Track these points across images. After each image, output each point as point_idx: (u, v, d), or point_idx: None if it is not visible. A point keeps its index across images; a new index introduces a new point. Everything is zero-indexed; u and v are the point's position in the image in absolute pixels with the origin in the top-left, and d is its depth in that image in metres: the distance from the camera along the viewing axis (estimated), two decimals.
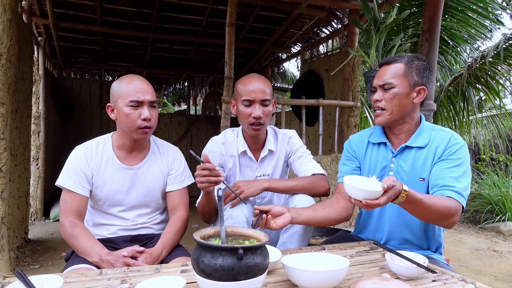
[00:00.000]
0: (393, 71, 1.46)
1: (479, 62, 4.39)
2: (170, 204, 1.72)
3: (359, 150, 1.63)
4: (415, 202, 1.23)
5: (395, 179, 1.16)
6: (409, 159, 1.48)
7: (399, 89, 1.44)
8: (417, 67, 1.46)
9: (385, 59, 1.54)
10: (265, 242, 1.00)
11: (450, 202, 1.29)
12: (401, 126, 1.51)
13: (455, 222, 1.33)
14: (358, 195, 1.15)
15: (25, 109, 3.37)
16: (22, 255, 3.20)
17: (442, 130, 1.50)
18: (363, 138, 1.65)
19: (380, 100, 1.48)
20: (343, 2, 3.61)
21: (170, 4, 4.60)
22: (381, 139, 1.57)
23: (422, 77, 1.46)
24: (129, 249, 1.43)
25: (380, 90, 1.49)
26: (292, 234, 1.62)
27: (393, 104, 1.45)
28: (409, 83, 1.44)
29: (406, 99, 1.45)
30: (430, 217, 1.31)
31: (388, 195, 1.13)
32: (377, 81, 1.50)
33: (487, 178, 6.03)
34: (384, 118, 1.48)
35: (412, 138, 1.49)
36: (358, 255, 1.44)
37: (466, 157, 1.42)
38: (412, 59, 1.47)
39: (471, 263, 3.57)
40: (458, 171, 1.38)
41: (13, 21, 2.67)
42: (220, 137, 1.86)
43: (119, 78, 1.61)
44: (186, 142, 7.16)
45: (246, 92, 1.70)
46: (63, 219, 1.50)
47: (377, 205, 1.13)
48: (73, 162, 1.58)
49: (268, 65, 6.70)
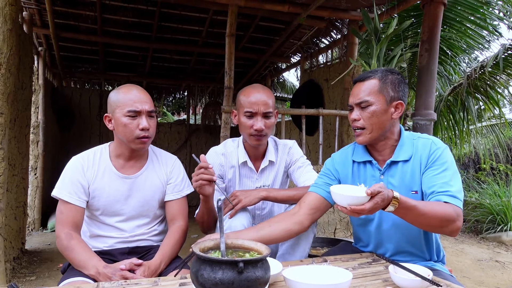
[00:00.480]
0: (368, 88, 1.42)
1: (478, 72, 4.40)
2: (169, 214, 1.70)
3: (343, 170, 1.57)
4: (409, 209, 1.20)
5: (382, 185, 1.14)
6: (397, 174, 1.45)
7: (377, 107, 1.40)
8: (391, 81, 1.43)
9: (358, 76, 1.50)
10: (266, 255, 0.98)
11: (447, 207, 1.26)
12: (384, 143, 1.48)
13: (458, 228, 1.27)
14: (343, 201, 1.13)
15: (24, 119, 3.36)
16: (18, 266, 3.15)
17: (421, 137, 1.48)
18: (346, 157, 1.59)
19: (358, 119, 1.44)
20: (342, 12, 3.64)
21: (170, 14, 4.63)
22: (365, 158, 1.52)
23: (398, 91, 1.43)
24: (127, 262, 1.40)
25: (357, 109, 1.45)
26: (291, 245, 1.60)
27: (372, 122, 1.41)
28: (386, 99, 1.41)
29: (384, 116, 1.41)
30: (429, 224, 1.27)
31: (374, 201, 1.11)
32: (353, 99, 1.46)
33: (487, 188, 6.01)
34: (365, 138, 1.44)
35: (396, 153, 1.46)
36: (361, 267, 1.41)
37: (451, 160, 1.40)
38: (385, 74, 1.44)
39: (473, 274, 3.52)
40: (447, 175, 1.35)
41: (13, 31, 2.68)
42: (220, 148, 1.85)
43: (117, 88, 1.60)
44: (185, 151, 7.14)
45: (248, 104, 1.69)
46: (59, 231, 1.48)
47: (361, 210, 1.11)
48: (69, 172, 1.56)
49: (268, 75, 6.73)
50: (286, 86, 9.56)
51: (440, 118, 5.21)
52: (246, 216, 1.62)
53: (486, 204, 5.26)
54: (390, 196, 1.14)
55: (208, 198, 1.58)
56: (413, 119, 3.03)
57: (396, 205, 1.16)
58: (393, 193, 1.16)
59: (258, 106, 1.67)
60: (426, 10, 2.99)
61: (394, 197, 1.15)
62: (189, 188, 1.76)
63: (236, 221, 1.57)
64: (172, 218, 1.68)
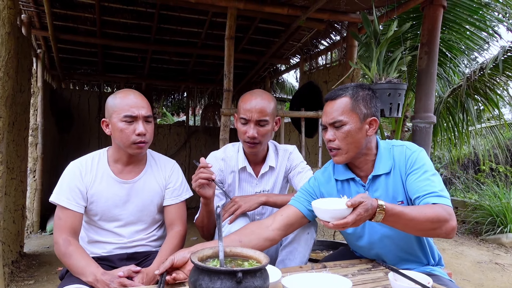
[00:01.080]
0: (340, 107, 1.39)
1: (477, 74, 4.39)
2: (167, 219, 1.69)
3: (327, 190, 1.53)
4: (397, 216, 1.17)
5: (364, 195, 1.11)
6: (381, 187, 1.43)
7: (351, 126, 1.37)
8: (363, 98, 1.40)
9: (329, 93, 1.45)
10: (265, 264, 0.97)
11: (437, 207, 1.23)
12: (362, 159, 1.45)
13: (453, 228, 1.23)
14: (324, 216, 1.10)
15: (23, 122, 3.35)
16: (17, 270, 3.14)
17: (395, 145, 1.46)
18: (329, 175, 1.55)
19: (333, 139, 1.39)
20: (341, 15, 3.63)
21: (170, 16, 4.62)
22: (347, 175, 1.49)
23: (370, 107, 1.41)
24: (125, 269, 1.39)
25: (331, 129, 1.41)
26: (291, 251, 1.59)
27: (347, 142, 1.37)
28: (359, 117, 1.38)
29: (359, 134, 1.38)
30: (422, 228, 1.22)
31: (357, 213, 1.08)
32: (326, 119, 1.42)
33: (487, 189, 6.00)
34: (342, 158, 1.41)
35: (376, 167, 1.43)
36: (360, 273, 1.40)
37: (427, 161, 1.39)
38: (356, 91, 1.41)
39: (473, 277, 3.52)
40: (427, 177, 1.34)
41: (12, 34, 2.67)
42: (220, 152, 1.84)
43: (114, 93, 1.60)
44: (185, 153, 7.13)
45: (243, 110, 1.68)
46: (57, 237, 1.47)
47: (345, 224, 1.08)
48: (67, 178, 1.55)
49: (267, 77, 6.72)
50: (285, 86, 9.56)
51: (439, 119, 5.20)
52: (246, 222, 1.61)
53: (486, 206, 5.26)
54: (374, 205, 1.12)
55: (208, 200, 1.58)
56: (413, 122, 3.02)
57: (383, 214, 1.13)
58: (378, 202, 1.13)
59: (252, 113, 1.65)
60: (425, 13, 2.99)
61: (379, 205, 1.12)
62: (188, 192, 1.75)
63: (236, 226, 1.57)
64: (171, 223, 1.68)
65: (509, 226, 4.85)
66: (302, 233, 1.58)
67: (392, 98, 2.18)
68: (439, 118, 5.20)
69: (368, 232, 1.47)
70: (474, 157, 8.01)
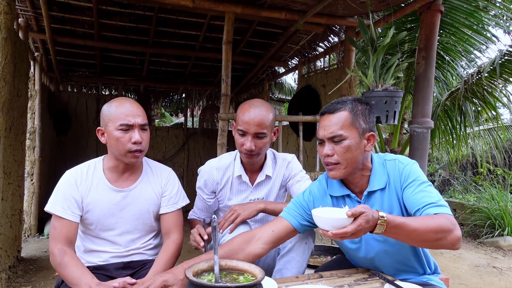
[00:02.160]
0: (339, 121, 1.35)
1: (475, 77, 4.40)
2: (164, 227, 1.69)
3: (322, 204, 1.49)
4: (399, 227, 1.14)
5: (366, 207, 1.09)
6: (377, 202, 1.41)
7: (350, 141, 1.34)
8: (362, 113, 1.38)
9: (326, 107, 1.41)
10: (260, 280, 0.97)
11: (439, 217, 1.20)
12: (358, 175, 1.42)
13: (458, 238, 1.19)
14: (324, 225, 1.08)
15: (20, 126, 3.34)
16: (14, 275, 3.13)
17: (387, 159, 1.44)
18: (324, 191, 1.51)
19: (331, 154, 1.35)
20: (339, 19, 3.63)
21: (168, 19, 4.62)
22: (342, 192, 1.46)
23: (369, 122, 1.39)
24: (120, 281, 1.39)
25: (329, 143, 1.36)
26: (288, 261, 1.59)
27: (346, 157, 1.34)
28: (358, 132, 1.35)
29: (358, 150, 1.35)
30: (425, 239, 1.18)
31: (358, 223, 1.06)
32: (324, 133, 1.37)
33: (485, 191, 6.01)
34: (339, 173, 1.37)
35: (371, 182, 1.41)
36: (357, 284, 1.40)
37: (421, 173, 1.37)
38: (355, 105, 1.38)
39: (471, 281, 3.52)
40: (423, 189, 1.32)
41: (8, 39, 2.66)
42: (215, 161, 1.85)
43: (109, 101, 1.59)
44: (183, 155, 7.13)
45: (241, 122, 1.66)
46: (53, 247, 1.46)
47: (344, 234, 1.06)
48: (63, 187, 1.54)
49: (266, 79, 6.72)
50: (284, 87, 9.56)
51: (438, 122, 5.21)
52: (246, 229, 1.61)
53: (484, 209, 5.26)
54: (375, 216, 1.10)
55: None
56: (410, 127, 3.03)
57: (384, 225, 1.11)
58: (379, 213, 1.11)
59: (249, 126, 1.63)
60: (423, 18, 2.99)
61: (381, 216, 1.11)
62: (185, 200, 1.75)
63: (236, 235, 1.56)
64: (167, 231, 1.67)
65: (507, 229, 4.86)
66: (300, 243, 1.58)
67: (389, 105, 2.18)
68: (437, 121, 5.21)
69: (365, 248, 1.46)
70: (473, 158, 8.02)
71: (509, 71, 4.22)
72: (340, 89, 3.87)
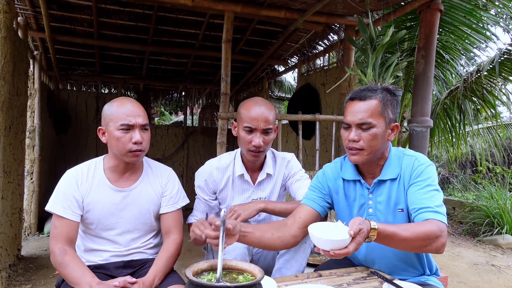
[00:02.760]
0: (369, 108, 1.37)
1: (474, 76, 4.41)
2: (164, 226, 1.69)
3: (334, 186, 1.57)
4: (389, 237, 1.18)
5: (361, 220, 1.12)
6: (385, 192, 1.44)
7: (378, 130, 1.37)
8: (391, 103, 1.41)
9: (356, 93, 1.43)
10: (260, 279, 0.98)
11: (429, 225, 1.23)
12: (376, 162, 1.46)
13: (442, 245, 1.25)
14: (325, 246, 1.09)
15: (20, 125, 3.34)
16: (14, 273, 3.14)
17: (407, 154, 1.46)
18: (338, 172, 1.57)
19: (357, 140, 1.38)
20: (339, 18, 3.63)
21: (167, 18, 4.62)
22: (354, 177, 1.50)
23: (396, 113, 1.43)
24: (121, 280, 1.39)
25: (356, 129, 1.39)
26: (288, 260, 1.60)
27: (372, 144, 1.37)
28: (386, 121, 1.39)
29: (383, 139, 1.39)
30: (413, 246, 1.24)
31: (357, 241, 1.09)
32: (353, 119, 1.39)
33: (484, 190, 6.02)
34: (362, 158, 1.40)
35: (383, 171, 1.45)
36: (355, 283, 1.41)
37: (433, 177, 1.39)
38: (385, 95, 1.40)
39: (469, 279, 3.53)
40: (428, 191, 1.34)
41: (8, 38, 2.66)
42: (215, 161, 1.85)
43: (110, 101, 1.59)
44: (182, 154, 7.13)
45: (248, 119, 1.67)
46: (53, 246, 1.47)
47: (346, 254, 1.08)
48: (63, 187, 1.55)
49: (265, 77, 6.72)
50: (284, 85, 9.56)
51: (437, 120, 5.21)
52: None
53: (483, 207, 5.27)
54: (369, 228, 1.13)
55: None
56: (409, 126, 3.03)
57: (375, 236, 1.14)
58: (371, 225, 1.14)
59: (258, 122, 1.65)
60: (422, 17, 2.99)
61: (372, 228, 1.14)
62: (185, 200, 1.76)
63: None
64: (167, 231, 1.68)
65: (505, 227, 4.88)
66: (300, 242, 1.59)
67: None
68: (437, 120, 5.21)
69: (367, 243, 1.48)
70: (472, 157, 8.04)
71: (508, 69, 4.23)
72: (339, 88, 3.88)
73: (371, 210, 1.47)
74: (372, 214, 1.47)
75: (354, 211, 1.52)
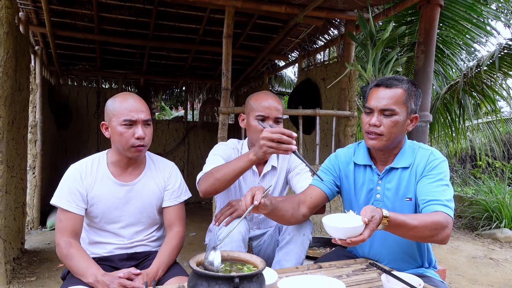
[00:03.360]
0: (394, 96, 1.41)
1: (474, 71, 4.42)
2: (166, 220, 1.72)
3: (345, 169, 1.61)
4: (399, 225, 1.21)
5: (373, 208, 1.15)
6: (395, 180, 1.48)
7: (400, 117, 1.41)
8: (415, 94, 1.45)
9: (384, 79, 1.47)
10: (262, 269, 1.01)
11: (437, 216, 1.27)
12: (391, 150, 1.50)
13: (448, 236, 1.29)
14: (341, 235, 1.12)
15: (22, 120, 3.36)
16: (18, 266, 3.18)
17: (422, 147, 1.50)
18: (350, 156, 1.62)
19: (378, 125, 1.42)
20: (339, 13, 3.64)
21: (168, 13, 4.62)
22: (366, 161, 1.54)
23: (417, 104, 1.48)
24: (125, 271, 1.43)
25: (378, 114, 1.42)
26: (287, 252, 1.63)
27: (392, 131, 1.41)
28: (407, 111, 1.43)
29: (402, 127, 1.43)
30: (419, 235, 1.27)
31: (371, 227, 1.11)
32: (376, 104, 1.42)
33: (483, 184, 6.06)
34: (380, 143, 1.43)
35: (396, 159, 1.49)
36: (355, 274, 1.44)
37: (446, 172, 1.43)
38: (410, 86, 1.45)
39: (467, 272, 3.57)
40: (440, 185, 1.38)
41: (10, 34, 2.68)
42: (230, 142, 1.92)
43: (113, 96, 1.62)
44: (183, 149, 7.16)
45: (262, 108, 1.74)
46: (59, 239, 1.50)
47: (362, 240, 1.11)
48: (68, 181, 1.58)
49: (266, 72, 6.73)
50: (284, 80, 9.56)
51: (437, 115, 5.24)
52: (243, 223, 1.65)
53: (482, 201, 5.31)
54: (381, 216, 1.16)
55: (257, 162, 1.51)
56: None
57: (386, 224, 1.17)
58: (383, 212, 1.17)
59: (271, 111, 1.73)
60: (422, 12, 3.00)
61: (384, 216, 1.16)
62: (187, 193, 1.79)
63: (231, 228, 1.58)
64: (170, 224, 1.71)
65: (504, 221, 4.92)
66: (298, 235, 1.62)
67: None
68: (437, 114, 5.24)
69: None
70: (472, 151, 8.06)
71: (508, 64, 4.24)
72: (339, 83, 3.89)
73: (379, 196, 1.51)
74: (380, 200, 1.51)
75: (361, 197, 1.56)
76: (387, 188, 1.50)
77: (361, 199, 1.56)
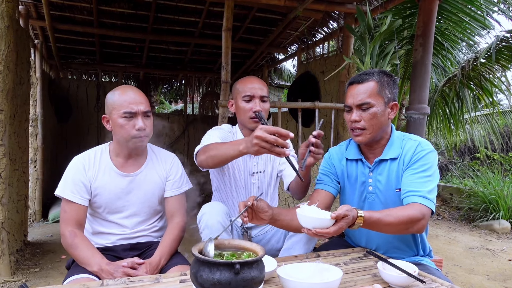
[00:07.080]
0: (367, 89, 1.47)
1: (472, 64, 4.43)
2: (168, 210, 1.76)
3: (338, 166, 1.67)
4: (375, 223, 1.27)
5: (349, 209, 1.19)
6: (385, 172, 1.53)
7: (377, 109, 1.46)
8: (388, 83, 1.50)
9: (354, 77, 1.54)
10: (261, 256, 1.04)
11: (412, 209, 1.33)
12: (378, 142, 1.55)
13: (423, 227, 1.36)
14: (308, 224, 1.17)
15: (23, 113, 3.39)
16: (22, 258, 3.23)
17: (411, 139, 1.54)
18: (342, 153, 1.68)
19: (359, 120, 1.48)
20: (338, 6, 3.64)
21: (167, 6, 4.62)
22: (356, 156, 1.60)
23: (393, 92, 1.51)
24: (129, 261, 1.47)
25: (357, 110, 1.49)
26: (297, 241, 1.66)
27: (372, 123, 1.47)
28: (384, 100, 1.48)
29: (383, 117, 1.48)
30: (396, 229, 1.34)
31: (339, 225, 1.16)
32: (353, 101, 1.50)
33: (482, 176, 6.10)
34: (365, 138, 1.50)
35: (385, 151, 1.54)
36: (352, 262, 1.48)
37: (433, 163, 1.46)
38: (381, 76, 1.50)
39: (464, 262, 3.63)
40: (424, 176, 1.42)
41: (11, 27, 2.69)
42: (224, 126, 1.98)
43: (113, 89, 1.65)
44: (183, 142, 7.19)
45: (247, 88, 1.82)
46: (64, 229, 1.54)
47: (326, 234, 1.15)
48: (71, 172, 1.61)
49: (265, 65, 6.74)
50: (283, 73, 9.56)
51: (435, 108, 5.26)
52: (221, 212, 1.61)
53: (480, 193, 5.36)
54: (355, 216, 1.21)
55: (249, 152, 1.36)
56: (407, 113, 3.08)
57: (361, 224, 1.23)
58: (358, 213, 1.22)
59: (256, 90, 1.81)
60: (421, 5, 3.01)
61: (359, 216, 1.22)
62: (188, 184, 1.83)
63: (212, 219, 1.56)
64: (171, 214, 1.75)
65: (501, 212, 4.97)
66: None
67: None
68: (435, 107, 5.26)
69: None
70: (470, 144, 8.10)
71: (506, 57, 4.25)
72: (338, 76, 3.91)
73: (371, 188, 1.56)
74: (372, 192, 1.56)
75: (355, 190, 1.61)
76: (378, 180, 1.54)
77: (356, 193, 1.61)
